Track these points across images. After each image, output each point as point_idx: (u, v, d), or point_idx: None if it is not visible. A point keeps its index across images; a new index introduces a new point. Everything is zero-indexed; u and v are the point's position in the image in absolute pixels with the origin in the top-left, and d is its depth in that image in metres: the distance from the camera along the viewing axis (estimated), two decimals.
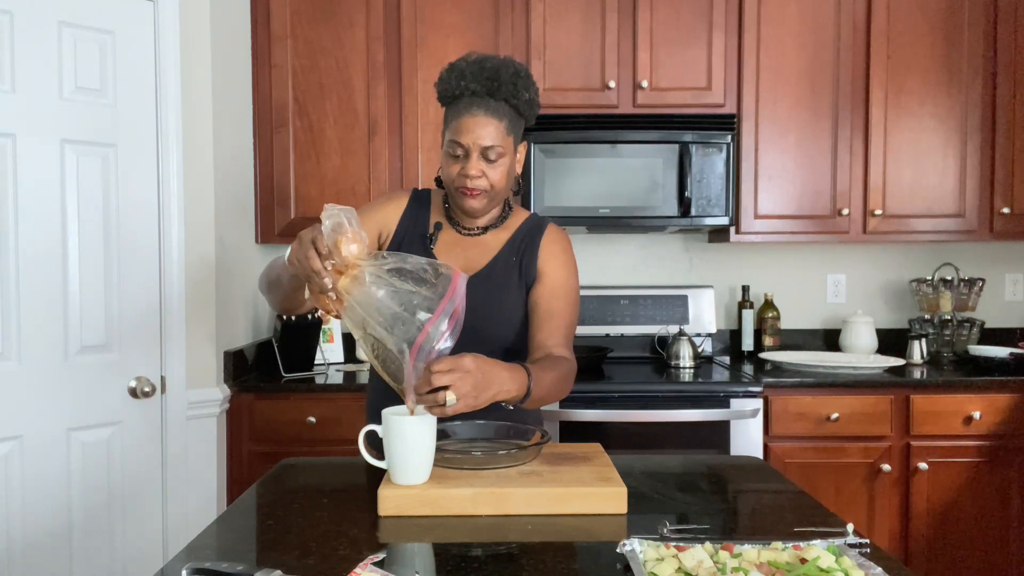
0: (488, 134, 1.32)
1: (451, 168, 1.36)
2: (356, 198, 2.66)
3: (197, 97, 2.25)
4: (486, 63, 1.34)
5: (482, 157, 1.33)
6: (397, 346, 1.08)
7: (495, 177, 1.35)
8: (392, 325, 1.08)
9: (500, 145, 1.33)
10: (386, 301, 1.09)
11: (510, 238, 1.46)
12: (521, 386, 1.19)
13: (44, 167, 1.93)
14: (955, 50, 2.68)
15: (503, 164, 1.36)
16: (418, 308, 1.08)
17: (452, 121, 1.35)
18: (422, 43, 2.65)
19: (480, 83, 1.32)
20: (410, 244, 1.45)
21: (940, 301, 2.88)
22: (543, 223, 1.49)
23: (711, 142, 2.60)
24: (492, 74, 1.32)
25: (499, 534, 1.03)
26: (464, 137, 1.32)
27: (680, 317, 2.93)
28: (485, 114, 1.32)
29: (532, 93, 1.37)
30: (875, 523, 2.40)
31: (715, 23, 2.66)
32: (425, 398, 1.08)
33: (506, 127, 1.34)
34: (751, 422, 2.36)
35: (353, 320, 1.12)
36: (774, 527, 1.08)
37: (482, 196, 1.36)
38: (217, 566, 0.88)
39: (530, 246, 1.45)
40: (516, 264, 1.44)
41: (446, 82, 1.36)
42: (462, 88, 1.33)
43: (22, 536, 1.90)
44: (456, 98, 1.35)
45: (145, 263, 2.12)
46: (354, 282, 1.10)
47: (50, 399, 1.95)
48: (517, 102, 1.35)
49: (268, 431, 2.40)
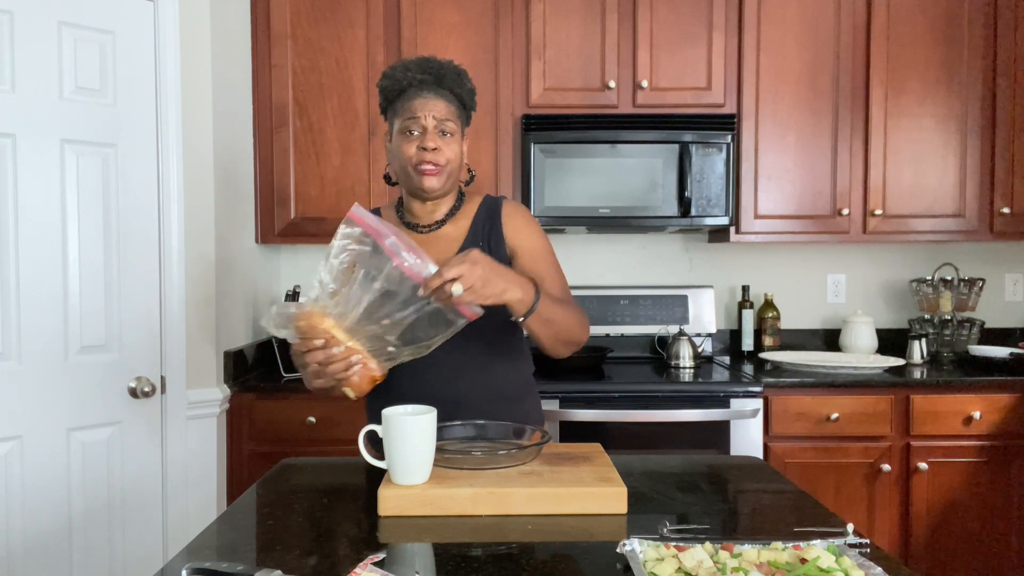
0: (441, 110, 1.39)
1: (407, 149, 1.40)
2: (356, 198, 2.66)
3: (197, 97, 2.25)
4: (429, 60, 1.43)
5: (438, 131, 1.39)
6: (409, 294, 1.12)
7: (451, 153, 1.41)
8: (396, 303, 1.12)
9: (452, 122, 1.41)
10: (375, 304, 1.13)
11: (471, 225, 1.48)
12: (527, 293, 1.22)
13: (44, 167, 1.93)
14: (955, 50, 2.68)
15: (456, 142, 1.42)
16: (390, 275, 1.13)
17: (402, 107, 1.40)
18: (422, 43, 2.65)
19: (426, 73, 1.41)
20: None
21: (940, 301, 2.88)
22: (498, 202, 1.52)
23: (711, 142, 2.60)
24: (436, 68, 1.42)
25: (499, 534, 1.03)
26: (419, 112, 1.38)
27: (680, 317, 2.93)
28: (436, 96, 1.40)
29: (472, 86, 1.47)
30: (875, 523, 2.40)
31: (715, 23, 2.66)
32: (437, 292, 1.12)
33: (455, 111, 1.42)
34: (751, 422, 2.37)
35: (375, 346, 1.16)
36: (774, 527, 1.08)
37: (441, 173, 1.40)
38: (217, 566, 0.88)
39: (493, 227, 1.48)
40: (483, 248, 1.45)
41: (391, 77, 1.42)
42: (410, 79, 1.41)
43: (22, 536, 1.90)
44: (404, 90, 1.41)
45: (145, 263, 2.12)
46: (345, 330, 1.13)
47: (50, 399, 1.95)
48: (461, 91, 1.44)
49: (268, 431, 2.40)
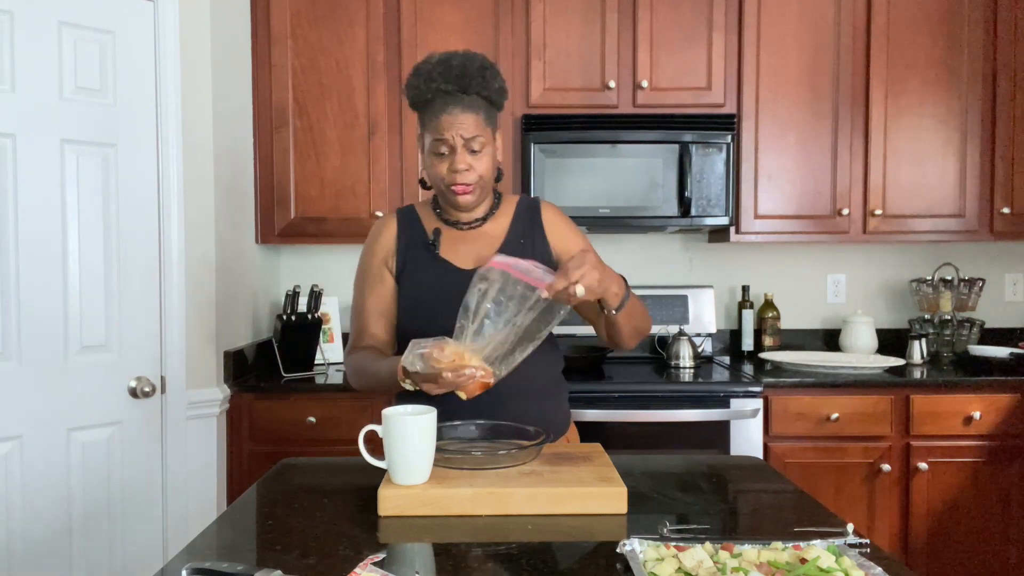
0: (468, 127, 1.36)
1: (439, 168, 1.39)
2: (356, 198, 2.66)
3: (197, 97, 2.25)
4: (451, 61, 1.37)
5: (467, 149, 1.37)
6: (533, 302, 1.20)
7: (482, 168, 1.39)
8: (521, 313, 1.20)
9: (481, 135, 1.38)
10: (510, 329, 1.21)
11: (511, 222, 1.50)
12: (621, 288, 1.31)
13: (44, 167, 1.93)
14: (955, 50, 2.68)
15: (487, 154, 1.40)
16: (522, 295, 1.21)
17: (430, 122, 1.38)
18: (422, 43, 2.65)
19: (450, 82, 1.36)
20: (415, 257, 1.47)
21: (940, 301, 2.88)
22: (536, 203, 1.54)
23: (711, 142, 2.60)
24: (460, 71, 1.36)
25: (499, 534, 1.03)
26: (446, 133, 1.36)
27: (680, 317, 2.93)
28: (462, 110, 1.36)
29: (500, 82, 1.42)
30: (875, 523, 2.40)
31: (715, 23, 2.66)
32: (560, 294, 1.19)
33: (483, 118, 1.39)
34: (751, 422, 2.36)
35: (498, 354, 1.21)
36: (774, 527, 1.08)
37: (474, 189, 1.40)
38: (217, 566, 0.88)
39: (532, 226, 1.50)
40: (527, 245, 1.47)
41: (415, 87, 1.39)
42: (433, 90, 1.37)
43: (22, 536, 1.90)
44: (429, 101, 1.38)
45: (145, 263, 2.12)
46: (478, 356, 1.19)
47: (50, 399, 1.95)
48: (488, 93, 1.40)
49: (268, 431, 2.40)
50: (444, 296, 1.40)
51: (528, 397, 1.44)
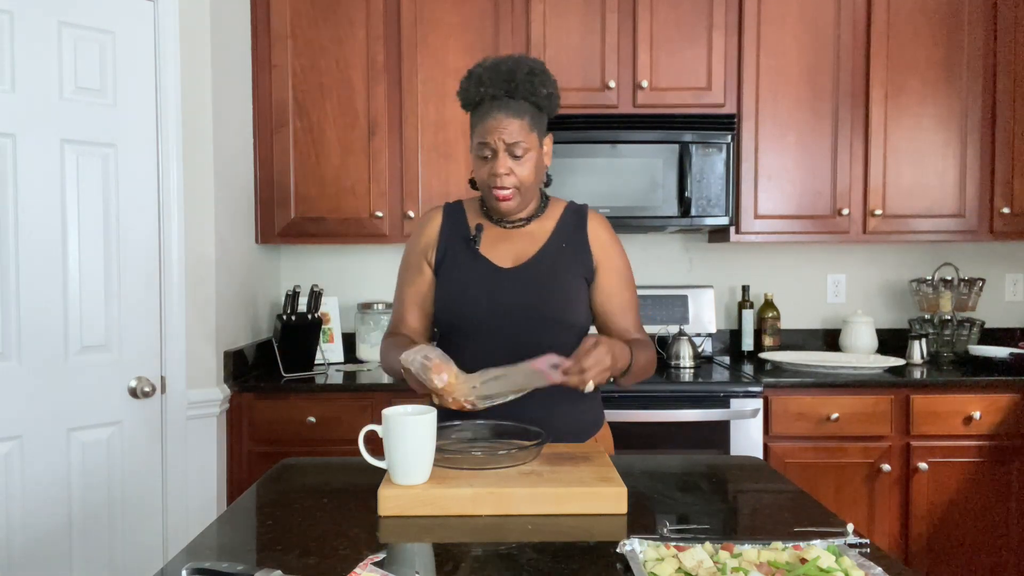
0: (511, 132, 1.38)
1: (482, 170, 1.42)
2: (356, 198, 2.66)
3: (197, 97, 2.25)
4: (501, 66, 1.39)
5: (509, 154, 1.39)
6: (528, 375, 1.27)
7: (523, 173, 1.40)
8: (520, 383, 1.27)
9: (524, 141, 1.39)
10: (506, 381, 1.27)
11: (555, 227, 1.51)
12: (627, 360, 1.35)
13: (44, 167, 1.93)
14: (955, 50, 2.68)
15: (530, 159, 1.41)
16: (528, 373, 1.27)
17: (477, 125, 1.41)
18: (422, 43, 2.65)
19: (498, 86, 1.38)
20: (455, 251, 1.49)
21: (940, 301, 2.88)
22: (583, 210, 1.55)
23: (711, 142, 2.60)
24: (508, 76, 1.38)
25: (499, 534, 1.03)
26: (489, 137, 1.38)
27: (680, 317, 2.93)
28: (506, 115, 1.38)
29: (550, 87, 1.43)
30: (875, 523, 2.40)
31: (715, 23, 2.66)
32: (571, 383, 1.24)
33: (528, 123, 1.40)
34: (751, 422, 2.37)
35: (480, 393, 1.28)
36: (774, 527, 1.08)
37: (514, 196, 1.42)
38: (217, 566, 0.88)
39: (577, 232, 1.51)
40: (568, 251, 1.48)
41: (466, 90, 1.42)
42: (481, 94, 1.39)
43: (22, 536, 1.90)
44: (478, 104, 1.41)
45: (145, 263, 2.12)
46: (468, 392, 1.25)
47: (50, 399, 1.95)
48: (536, 98, 1.41)
49: (268, 431, 2.40)
50: (477, 292, 1.43)
51: (564, 401, 1.44)
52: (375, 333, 2.86)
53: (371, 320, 2.86)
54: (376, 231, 2.67)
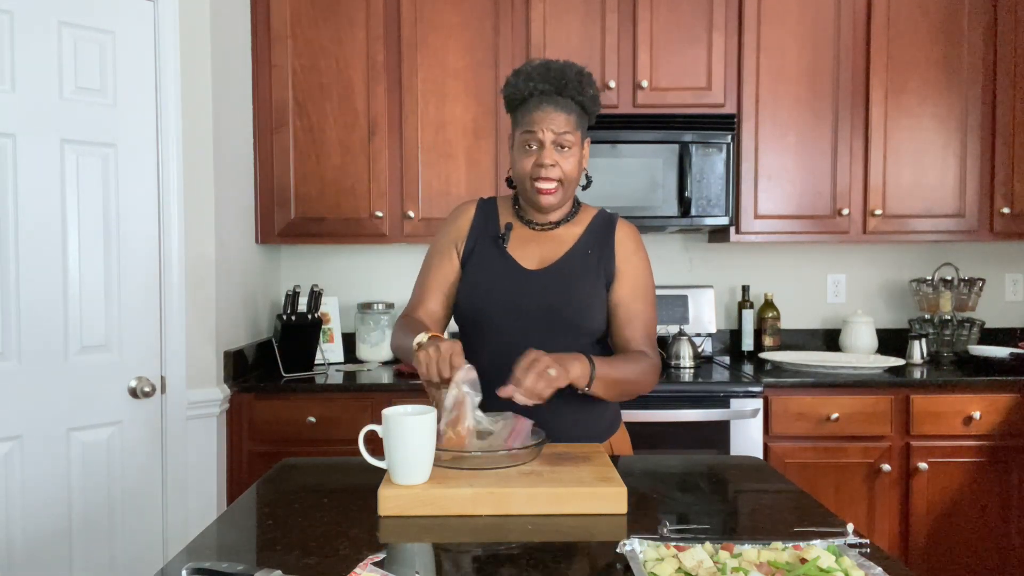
0: (559, 123, 1.40)
1: (525, 162, 1.42)
2: (356, 198, 2.66)
3: (197, 97, 2.25)
4: (551, 65, 1.42)
5: (555, 146, 1.40)
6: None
7: (568, 167, 1.42)
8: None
9: (570, 134, 1.40)
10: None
11: (583, 232, 1.51)
12: (585, 369, 1.30)
13: (44, 167, 1.93)
14: (955, 50, 2.68)
15: (574, 154, 1.43)
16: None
17: (523, 119, 1.42)
18: (422, 43, 2.65)
19: (548, 83, 1.41)
20: (483, 247, 1.50)
21: (940, 301, 2.88)
22: (613, 218, 1.54)
23: (711, 142, 2.60)
24: (558, 74, 1.41)
25: (499, 534, 1.03)
26: (536, 126, 1.39)
27: (680, 317, 2.93)
28: (555, 108, 1.40)
29: (595, 90, 1.45)
30: (875, 523, 2.40)
31: (715, 23, 2.66)
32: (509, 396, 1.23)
33: (574, 121, 1.42)
34: (751, 422, 2.37)
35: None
36: (774, 527, 1.08)
37: (557, 190, 1.42)
38: (217, 566, 0.88)
39: (604, 240, 1.50)
40: (592, 257, 1.48)
41: (514, 86, 1.44)
42: (531, 88, 1.41)
43: (22, 536, 1.90)
44: (525, 99, 1.43)
45: (145, 263, 2.12)
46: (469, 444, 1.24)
47: (50, 399, 1.95)
48: (583, 99, 1.43)
49: (268, 431, 2.40)
50: (499, 290, 1.44)
51: (581, 404, 1.43)
52: (375, 333, 2.86)
53: (371, 320, 2.86)
54: (376, 231, 2.67)
